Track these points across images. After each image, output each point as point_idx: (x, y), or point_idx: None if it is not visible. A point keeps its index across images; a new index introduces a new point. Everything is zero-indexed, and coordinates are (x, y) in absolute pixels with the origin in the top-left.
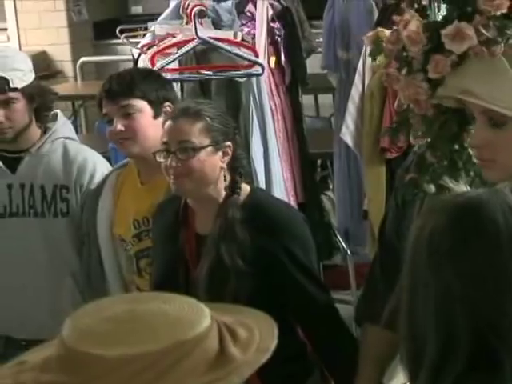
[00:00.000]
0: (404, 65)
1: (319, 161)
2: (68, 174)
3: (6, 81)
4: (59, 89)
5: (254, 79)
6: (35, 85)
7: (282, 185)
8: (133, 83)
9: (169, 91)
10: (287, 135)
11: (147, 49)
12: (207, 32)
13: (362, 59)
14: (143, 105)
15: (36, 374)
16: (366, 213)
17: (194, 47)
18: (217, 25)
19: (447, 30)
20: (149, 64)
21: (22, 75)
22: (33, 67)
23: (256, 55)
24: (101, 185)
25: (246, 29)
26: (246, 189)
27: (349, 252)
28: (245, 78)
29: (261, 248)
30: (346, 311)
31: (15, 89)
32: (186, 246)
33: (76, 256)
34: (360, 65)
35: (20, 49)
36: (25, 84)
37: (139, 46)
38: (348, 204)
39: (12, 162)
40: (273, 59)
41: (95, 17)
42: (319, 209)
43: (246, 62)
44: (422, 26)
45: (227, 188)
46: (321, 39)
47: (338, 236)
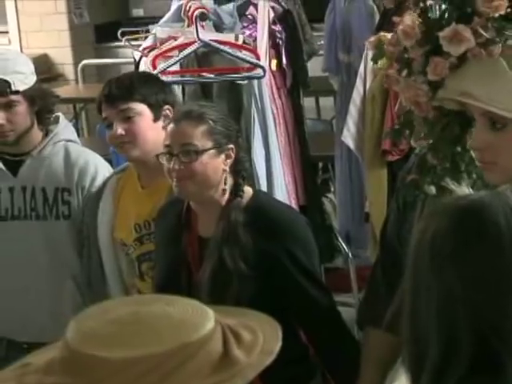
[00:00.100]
0: (404, 67)
1: (320, 163)
2: (69, 177)
3: (8, 83)
4: (60, 92)
5: (256, 82)
6: (37, 87)
7: (284, 188)
8: (132, 87)
9: (168, 94)
10: (288, 138)
11: (148, 51)
12: (209, 35)
13: (364, 62)
14: (143, 108)
15: (40, 377)
16: (368, 215)
17: (196, 50)
18: (218, 27)
19: (445, 33)
20: (150, 67)
21: (24, 78)
22: (34, 70)
23: (257, 58)
24: (101, 188)
25: (248, 31)
26: (249, 192)
27: (350, 255)
28: (246, 81)
29: (263, 251)
30: (348, 314)
31: (16, 91)
32: (189, 249)
33: (77, 259)
34: (361, 68)
35: (21, 52)
36: (26, 87)
37: (140, 49)
38: (349, 207)
39: (13, 165)
40: (274, 62)
41: (96, 19)
42: (320, 212)
43: (248, 65)
44: (420, 22)
45: (230, 191)
46: (322, 42)
47: (340, 239)
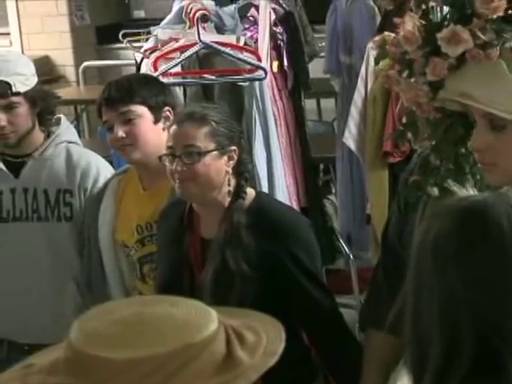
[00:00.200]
0: (405, 68)
1: (322, 165)
2: (71, 179)
3: (9, 85)
4: (62, 93)
5: (257, 83)
6: (38, 89)
7: (285, 189)
8: (132, 89)
9: (168, 96)
10: (290, 140)
11: (150, 53)
12: (210, 36)
13: (365, 64)
14: (143, 110)
15: (43, 377)
16: (369, 217)
17: (197, 51)
18: (220, 29)
19: (443, 34)
20: (151, 68)
21: (25, 79)
22: (35, 72)
23: (259, 59)
24: (102, 190)
25: (249, 33)
26: (252, 193)
27: (351, 256)
28: (248, 83)
29: (265, 252)
30: (349, 315)
31: (18, 93)
32: (191, 251)
33: (78, 260)
34: (363, 69)
35: (22, 53)
36: (27, 88)
37: (142, 51)
38: (351, 208)
39: (15, 167)
40: (275, 63)
41: (98, 21)
42: (322, 213)
43: (249, 67)
44: (420, 27)
45: (232, 192)
46: (323, 43)
47: (341, 240)
